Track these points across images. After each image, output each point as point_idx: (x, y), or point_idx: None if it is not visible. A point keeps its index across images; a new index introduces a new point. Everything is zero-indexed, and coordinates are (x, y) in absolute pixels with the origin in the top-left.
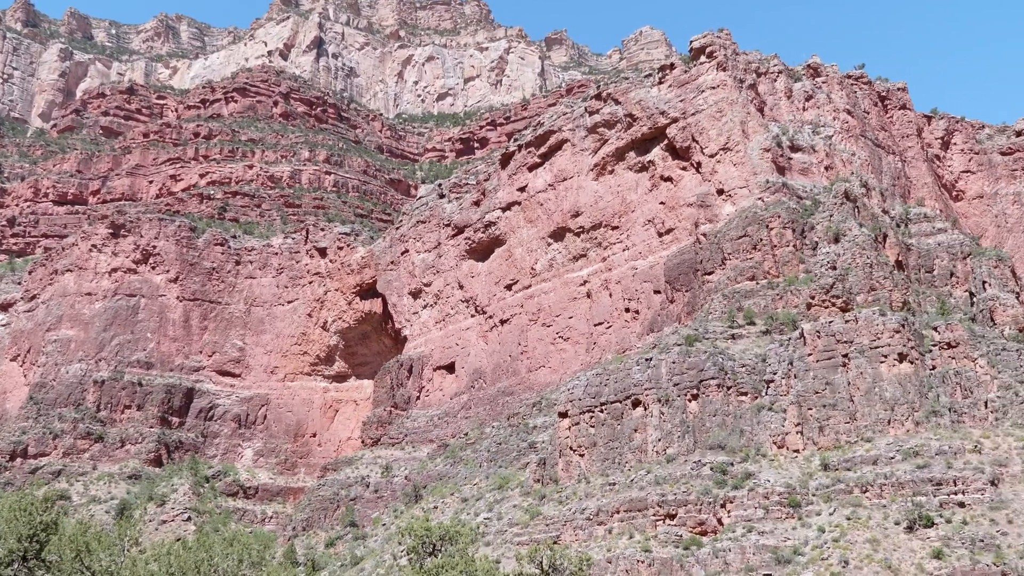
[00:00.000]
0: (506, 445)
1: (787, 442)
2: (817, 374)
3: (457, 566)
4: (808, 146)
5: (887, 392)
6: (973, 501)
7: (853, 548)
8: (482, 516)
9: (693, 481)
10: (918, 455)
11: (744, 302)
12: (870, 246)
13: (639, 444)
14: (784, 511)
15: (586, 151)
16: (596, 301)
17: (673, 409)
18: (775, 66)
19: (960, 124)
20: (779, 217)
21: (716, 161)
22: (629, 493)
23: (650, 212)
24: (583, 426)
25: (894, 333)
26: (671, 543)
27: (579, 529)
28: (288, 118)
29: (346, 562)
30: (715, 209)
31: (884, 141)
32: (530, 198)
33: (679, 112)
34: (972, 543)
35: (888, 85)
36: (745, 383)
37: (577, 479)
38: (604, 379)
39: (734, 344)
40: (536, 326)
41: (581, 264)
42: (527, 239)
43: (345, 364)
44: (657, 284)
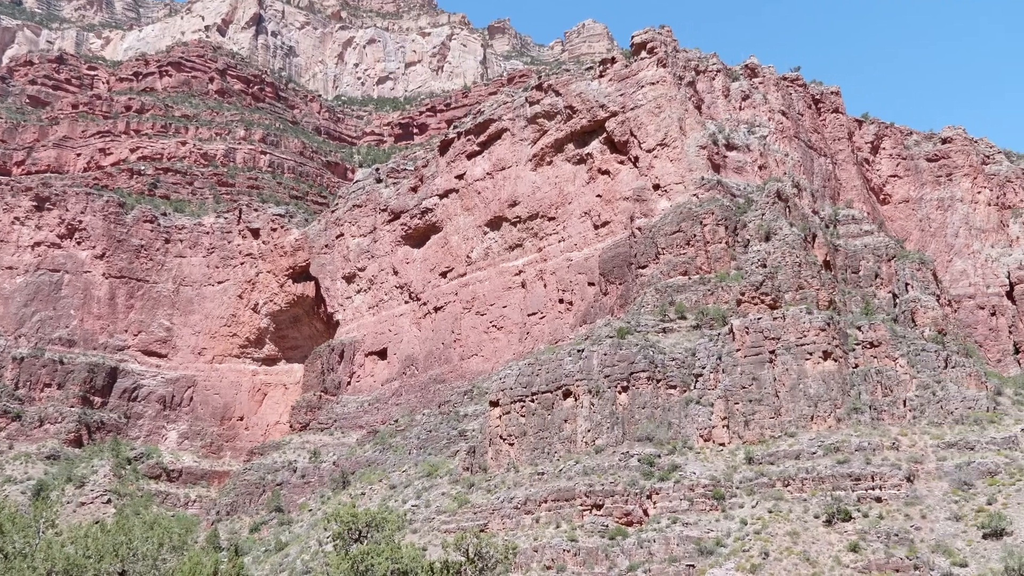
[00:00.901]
0: (436, 433)
1: (714, 435)
2: (744, 369)
3: (383, 553)
4: (743, 145)
5: (811, 389)
6: (889, 496)
7: (773, 540)
8: (410, 503)
9: (621, 472)
10: (839, 451)
11: (676, 296)
12: (799, 246)
13: (569, 434)
14: (708, 503)
15: (525, 141)
16: (531, 291)
17: (603, 401)
18: (714, 65)
19: (889, 129)
20: (713, 214)
21: (653, 156)
22: (557, 483)
23: (587, 204)
24: (514, 415)
25: (820, 331)
26: (597, 533)
27: (507, 518)
28: (224, 95)
29: (270, 547)
30: (651, 204)
31: (816, 143)
32: (468, 186)
33: (619, 106)
34: (887, 537)
35: (822, 88)
36: (674, 376)
37: (506, 468)
38: (536, 369)
39: (665, 338)
40: (470, 314)
41: (517, 254)
42: (464, 227)
43: (275, 347)
44: (591, 276)
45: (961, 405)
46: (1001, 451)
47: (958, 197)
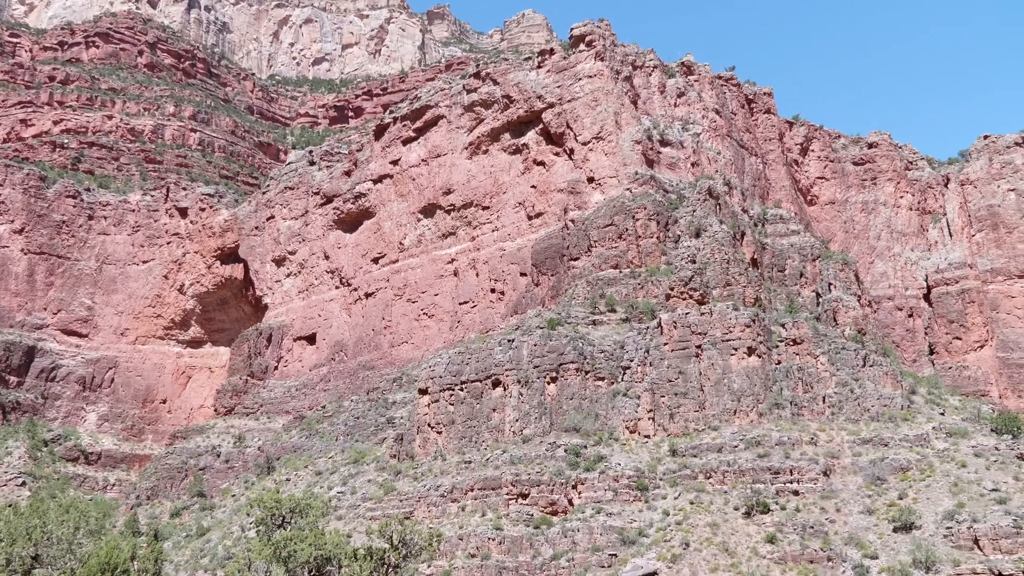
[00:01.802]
0: (364, 419)
1: (639, 427)
2: (671, 363)
3: (306, 539)
4: (677, 142)
5: (735, 383)
6: (806, 490)
7: (694, 531)
8: (336, 490)
9: (547, 462)
10: (759, 445)
11: (607, 289)
12: (728, 243)
13: (497, 424)
14: (632, 494)
15: (462, 129)
16: (462, 280)
17: (532, 391)
18: (651, 61)
19: (818, 132)
20: (645, 209)
21: (588, 149)
22: (484, 472)
23: (521, 195)
24: (442, 404)
25: (745, 328)
26: (522, 522)
27: (433, 506)
28: (153, 69)
29: (191, 533)
30: (585, 196)
31: (748, 143)
32: (402, 172)
33: (556, 98)
34: (803, 529)
35: (755, 89)
36: (603, 368)
37: (433, 456)
38: (466, 358)
39: (595, 330)
40: (401, 301)
41: (450, 242)
42: (397, 213)
43: (201, 330)
44: (524, 267)
45: (877, 403)
46: (913, 448)
47: (881, 201)
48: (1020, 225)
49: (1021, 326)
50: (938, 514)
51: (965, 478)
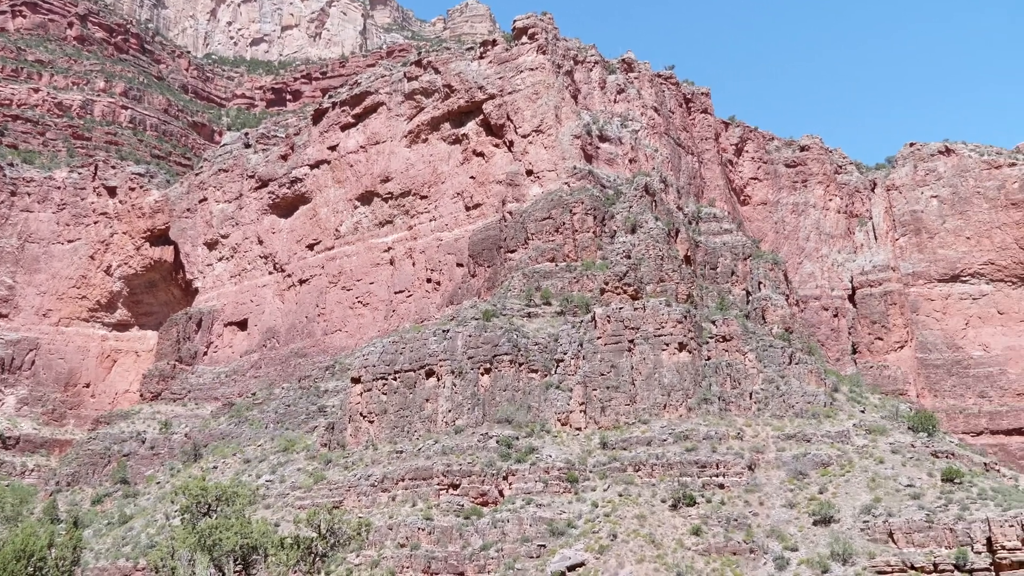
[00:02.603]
0: (295, 407)
1: (571, 420)
2: (604, 357)
3: (232, 527)
4: (616, 138)
5: (666, 378)
6: (732, 483)
7: (622, 523)
8: (264, 478)
9: (479, 453)
10: (688, 439)
11: (543, 282)
12: (663, 240)
13: (429, 414)
14: (562, 485)
15: (401, 117)
16: (399, 269)
17: (466, 382)
18: (592, 56)
19: (753, 134)
20: (583, 203)
21: (528, 142)
22: (416, 462)
23: (460, 185)
24: (375, 393)
25: (677, 323)
26: (453, 512)
27: (363, 495)
28: (84, 43)
29: (113, 521)
30: (523, 189)
31: (685, 141)
32: (340, 158)
33: (497, 89)
34: (727, 522)
35: (693, 89)
36: (536, 361)
37: (365, 445)
38: (400, 347)
39: (529, 322)
40: (336, 289)
41: (387, 230)
42: (333, 199)
43: (128, 312)
44: (460, 257)
45: (801, 400)
46: (834, 444)
47: (811, 203)
48: (941, 231)
49: (939, 328)
50: (856, 508)
51: (882, 474)
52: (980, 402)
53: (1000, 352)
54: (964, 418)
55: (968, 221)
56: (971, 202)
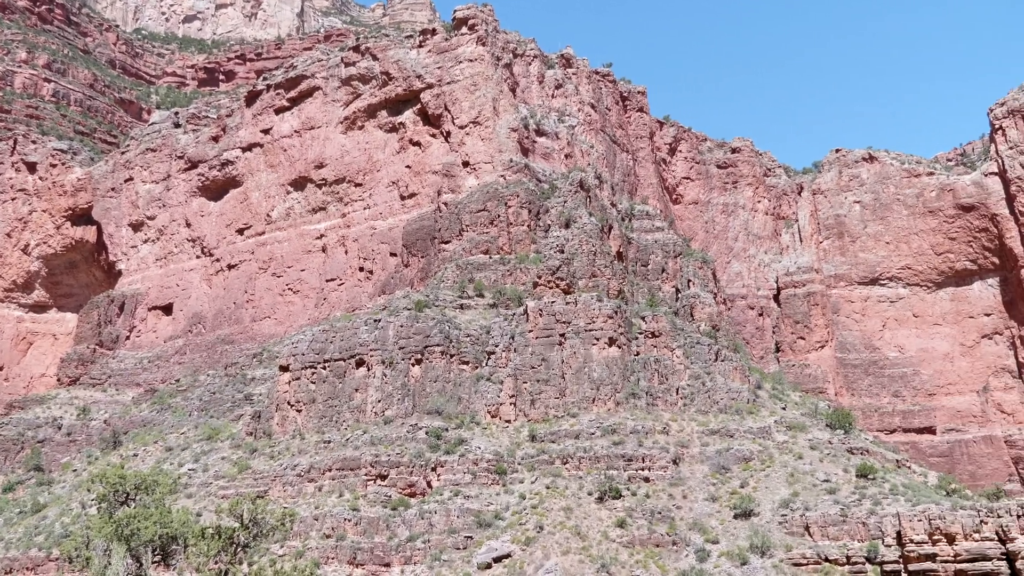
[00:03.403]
0: (220, 395)
1: (501, 412)
2: (535, 350)
3: (151, 516)
4: (552, 132)
5: (595, 372)
6: (656, 477)
7: (549, 515)
8: (187, 467)
9: (408, 444)
10: (615, 432)
11: (476, 274)
12: (596, 235)
13: (359, 404)
14: (491, 477)
15: (338, 103)
16: (331, 256)
17: (396, 372)
18: (531, 50)
19: (687, 134)
20: (518, 196)
21: (465, 133)
22: (343, 452)
23: (395, 174)
24: (304, 382)
25: (608, 318)
26: (380, 503)
27: (289, 485)
28: (4, 11)
29: (26, 509)
30: (459, 180)
31: (620, 139)
32: (274, 142)
33: (435, 79)
34: (651, 514)
35: (630, 87)
36: (468, 352)
37: (292, 435)
38: (330, 336)
39: (462, 314)
40: (266, 275)
41: (320, 217)
42: (266, 184)
43: (46, 293)
44: (394, 247)
45: (726, 396)
46: (756, 440)
47: (741, 204)
48: (862, 235)
49: (858, 329)
50: (775, 502)
51: (801, 469)
52: (894, 401)
53: (914, 353)
54: (879, 416)
55: (888, 226)
56: (891, 208)
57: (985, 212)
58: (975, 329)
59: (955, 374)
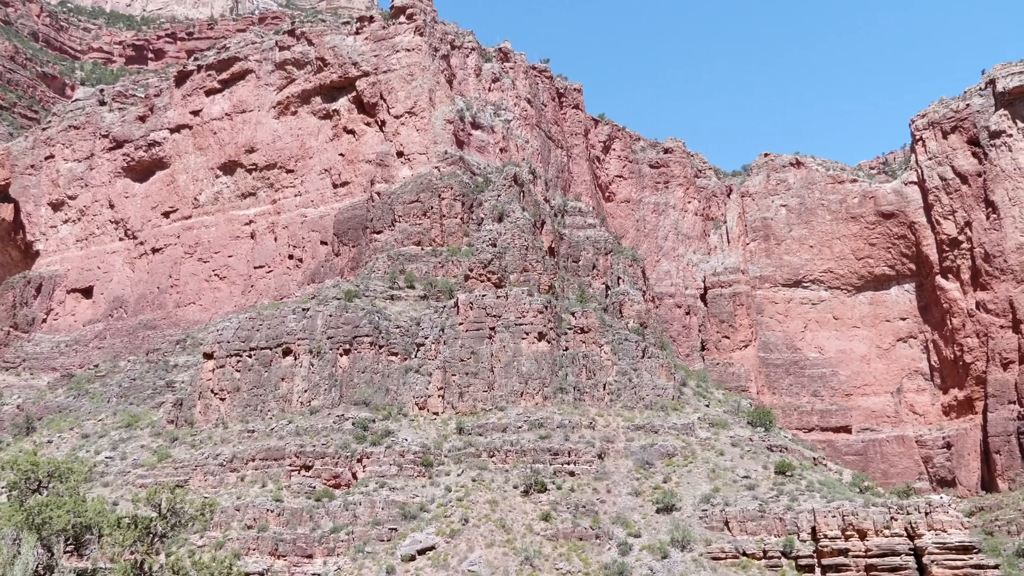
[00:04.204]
0: (141, 382)
1: (429, 404)
2: (465, 343)
3: (64, 505)
4: (488, 126)
5: (524, 366)
6: (582, 471)
7: (474, 508)
8: (104, 455)
9: (334, 435)
10: (542, 426)
11: (408, 265)
12: (529, 230)
13: (284, 393)
14: (417, 469)
15: (271, 87)
16: (260, 243)
17: (324, 362)
18: (469, 42)
19: (621, 133)
20: (452, 189)
21: (400, 123)
22: (268, 442)
23: (328, 161)
24: (228, 370)
25: (538, 313)
26: (304, 494)
27: (210, 475)
28: None
29: None
30: (393, 170)
31: (555, 135)
32: (203, 124)
33: (371, 67)
34: (576, 508)
35: (567, 84)
36: (397, 344)
37: (215, 424)
38: (257, 324)
39: (392, 305)
40: (191, 260)
41: (249, 203)
42: (194, 167)
43: None
44: (325, 235)
45: (652, 392)
46: (680, 436)
47: (671, 204)
48: (787, 238)
49: (780, 330)
50: (696, 497)
51: (722, 465)
52: (813, 400)
53: (833, 355)
54: (798, 415)
55: (812, 231)
56: (816, 213)
57: (904, 220)
58: (891, 332)
59: (871, 375)
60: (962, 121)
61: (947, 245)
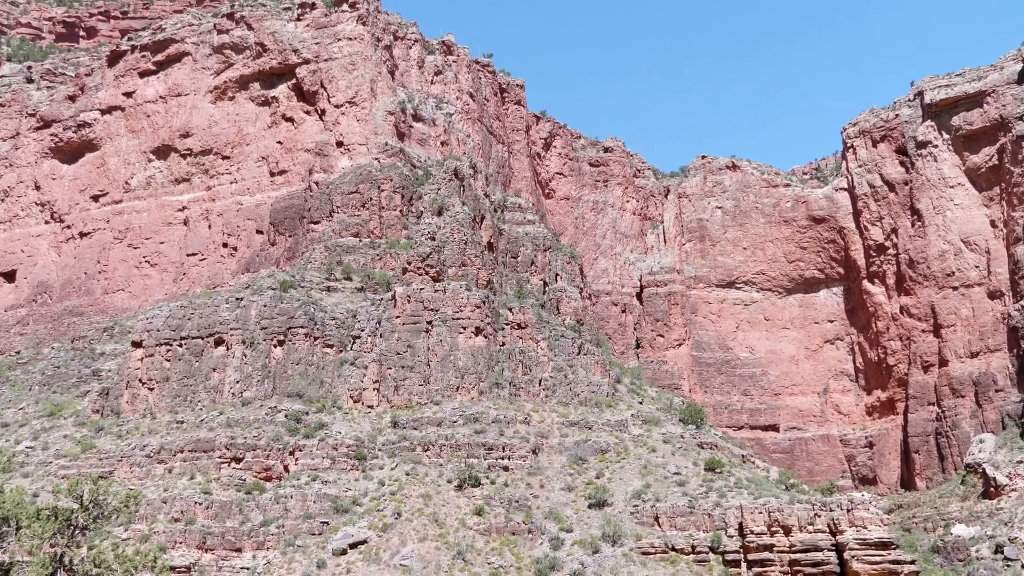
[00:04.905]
0: (65, 370)
1: (364, 397)
2: (401, 336)
3: None
4: (430, 119)
5: (460, 361)
6: (516, 466)
7: (407, 502)
8: (24, 444)
9: (266, 427)
10: (477, 421)
11: (345, 257)
12: (468, 224)
13: (216, 384)
14: (350, 463)
15: (208, 71)
16: (193, 230)
17: (257, 353)
18: (412, 34)
19: (562, 130)
20: (391, 181)
21: (341, 113)
22: (197, 433)
23: (266, 149)
24: (158, 359)
25: (475, 308)
26: (233, 487)
27: (136, 466)
28: None
29: None
30: (332, 160)
31: (497, 130)
32: (136, 106)
33: (312, 55)
34: (509, 503)
35: (509, 79)
36: (333, 336)
37: (142, 414)
38: (189, 312)
39: (328, 296)
40: (121, 246)
41: (183, 188)
42: (126, 150)
43: None
44: (261, 224)
45: (587, 389)
46: (613, 432)
47: (610, 203)
48: (722, 240)
49: (713, 329)
50: (628, 493)
51: (654, 462)
52: (743, 399)
53: (763, 355)
54: (728, 413)
55: (746, 233)
56: (750, 216)
57: (834, 225)
58: (819, 334)
59: (799, 375)
60: (891, 131)
61: (874, 250)
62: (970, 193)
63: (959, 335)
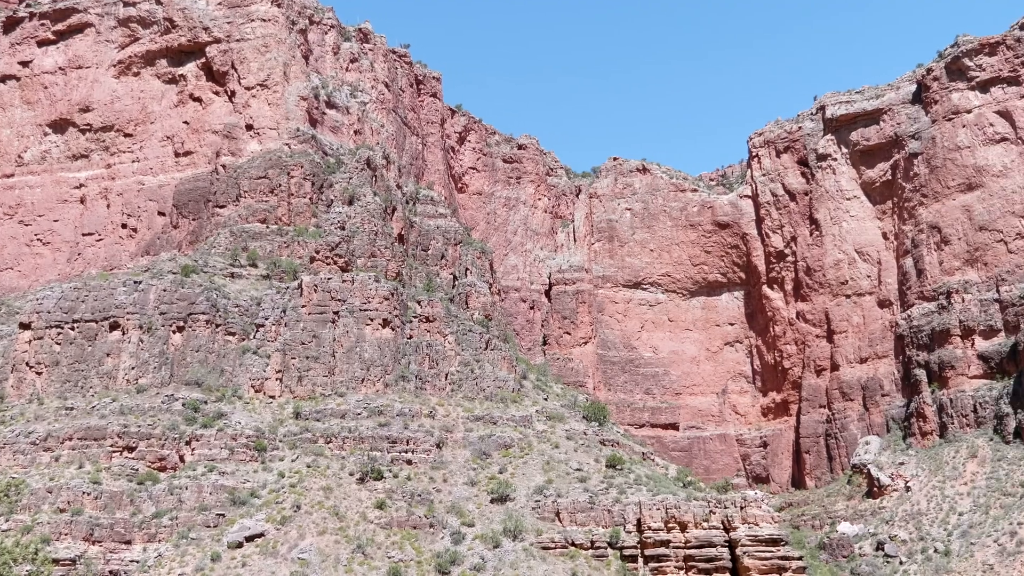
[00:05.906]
0: None
1: (266, 387)
2: (307, 326)
3: None
4: (343, 106)
5: (367, 353)
6: (419, 460)
7: (307, 494)
8: None
9: (161, 415)
10: (382, 414)
11: (251, 243)
12: (379, 215)
13: (109, 370)
14: (249, 454)
15: (112, 44)
16: (90, 209)
17: (155, 338)
18: (329, 19)
19: (477, 125)
20: (302, 167)
21: (251, 95)
22: (88, 420)
23: (171, 128)
24: (47, 342)
25: (383, 300)
26: (125, 477)
27: (20, 453)
28: None
29: None
30: (240, 143)
31: (412, 122)
32: (33, 77)
33: (224, 34)
34: (411, 497)
35: (426, 71)
36: (235, 324)
37: (29, 399)
38: (83, 295)
39: (232, 283)
40: (11, 222)
41: (80, 165)
42: (20, 122)
43: None
44: (163, 205)
45: (493, 384)
46: (517, 428)
47: (522, 200)
48: (630, 241)
49: (619, 329)
50: (530, 488)
51: (557, 457)
52: (645, 398)
53: (666, 355)
54: (631, 411)
55: (654, 235)
56: (658, 218)
57: (737, 231)
58: (720, 336)
59: (699, 376)
60: (794, 142)
61: (774, 257)
62: (865, 206)
63: (850, 341)
